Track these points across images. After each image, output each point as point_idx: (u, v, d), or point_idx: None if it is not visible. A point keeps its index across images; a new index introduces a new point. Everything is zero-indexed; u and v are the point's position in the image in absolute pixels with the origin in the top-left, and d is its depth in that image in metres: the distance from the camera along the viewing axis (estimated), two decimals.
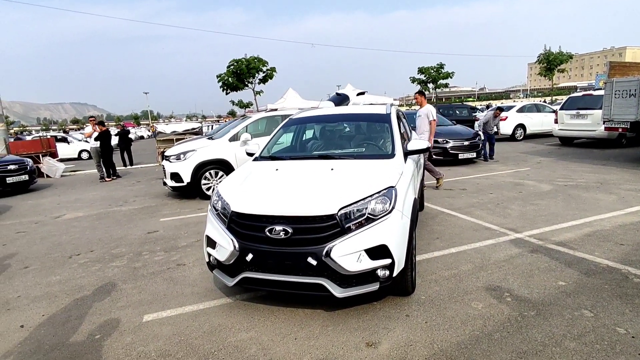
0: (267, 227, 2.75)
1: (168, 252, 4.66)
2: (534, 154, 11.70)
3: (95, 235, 5.61)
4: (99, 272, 4.17)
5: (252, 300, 3.31)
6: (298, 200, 2.83)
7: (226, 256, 2.88)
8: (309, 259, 2.66)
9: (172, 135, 15.08)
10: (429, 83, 33.64)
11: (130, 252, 4.75)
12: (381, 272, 2.75)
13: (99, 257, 4.67)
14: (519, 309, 2.95)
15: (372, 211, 2.76)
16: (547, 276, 3.49)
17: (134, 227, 5.92)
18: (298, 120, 4.59)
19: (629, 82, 8.77)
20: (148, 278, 3.93)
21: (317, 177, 3.17)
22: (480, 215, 5.55)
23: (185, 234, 5.38)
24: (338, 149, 4.01)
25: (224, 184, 3.39)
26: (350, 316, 2.96)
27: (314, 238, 2.69)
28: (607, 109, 9.34)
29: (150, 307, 3.30)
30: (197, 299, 3.40)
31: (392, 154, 3.61)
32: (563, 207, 5.70)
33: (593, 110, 12.01)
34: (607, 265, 3.65)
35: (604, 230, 4.65)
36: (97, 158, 11.48)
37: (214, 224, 3.09)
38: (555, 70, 30.02)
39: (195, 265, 4.20)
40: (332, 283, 2.69)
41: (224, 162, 7.56)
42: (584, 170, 8.57)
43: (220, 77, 21.37)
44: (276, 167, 3.53)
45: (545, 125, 15.76)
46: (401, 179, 3.12)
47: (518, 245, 4.29)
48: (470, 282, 3.44)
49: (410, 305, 3.08)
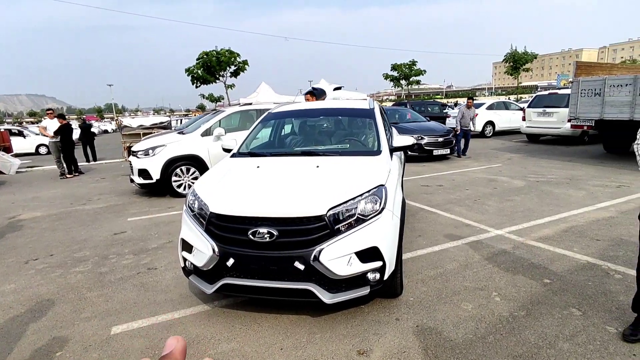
0: (250, 229, 2.54)
1: (137, 255, 4.34)
2: (504, 151, 11.99)
3: (55, 238, 5.17)
4: (60, 279, 3.80)
5: (232, 307, 3.09)
6: (284, 201, 2.64)
7: (204, 261, 2.65)
8: (296, 264, 2.48)
9: (138, 130, 14.35)
10: (402, 80, 34.04)
11: (95, 256, 4.39)
12: (371, 276, 2.61)
13: (60, 261, 4.28)
14: (508, 309, 2.90)
15: (362, 211, 2.61)
16: (532, 274, 3.48)
17: (98, 228, 5.51)
18: (278, 114, 4.37)
19: (594, 82, 9.09)
20: (116, 284, 3.62)
21: (302, 175, 2.98)
22: (459, 211, 5.55)
23: (155, 235, 5.05)
24: (321, 145, 3.84)
25: (201, 183, 3.14)
26: (338, 322, 2.81)
27: (302, 241, 2.51)
28: (573, 107, 9.65)
29: (119, 317, 3.02)
30: (171, 306, 3.15)
31: (378, 150, 3.48)
32: (538, 203, 5.80)
33: (559, 108, 12.45)
34: (588, 262, 3.69)
35: (579, 225, 4.74)
36: (57, 153, 10.74)
37: (190, 226, 2.85)
38: (521, 69, 31.14)
39: (168, 269, 3.92)
40: (320, 288, 2.53)
41: (196, 158, 7.21)
42: (552, 167, 8.83)
43: (189, 70, 20.55)
44: (257, 164, 3.30)
45: (513, 122, 16.24)
46: (390, 177, 2.99)
47: (500, 243, 4.29)
48: (457, 282, 3.38)
49: (400, 308, 2.97)
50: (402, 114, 12.65)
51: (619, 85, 8.54)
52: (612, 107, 8.75)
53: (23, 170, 12.73)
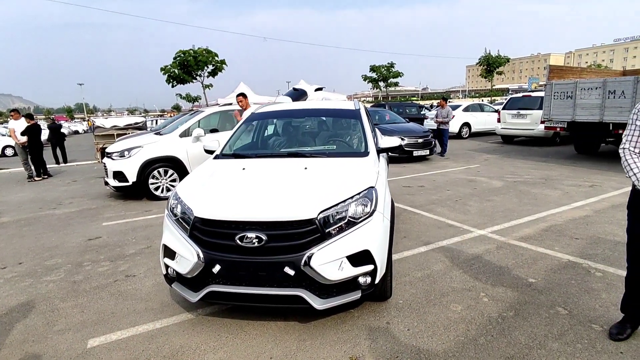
0: (238, 234, 2.44)
1: (114, 262, 4.14)
2: (480, 152, 12.25)
3: (24, 244, 4.88)
4: (30, 289, 3.57)
5: (216, 314, 2.97)
6: (273, 204, 2.55)
7: (189, 268, 2.53)
8: (286, 269, 2.40)
9: (112, 130, 13.89)
10: (380, 81, 34.41)
11: (68, 263, 4.16)
12: (363, 279, 2.56)
13: (30, 270, 4.03)
14: (497, 309, 2.91)
15: (353, 214, 2.56)
16: (517, 273, 3.52)
17: (71, 234, 5.24)
18: (262, 114, 4.26)
19: (566, 85, 9.40)
20: (91, 293, 3.43)
21: (290, 178, 2.90)
22: (441, 212, 5.59)
23: (133, 240, 4.85)
24: (308, 146, 3.76)
25: (184, 186, 3.01)
26: (327, 327, 2.74)
27: (292, 245, 2.43)
28: (546, 110, 9.95)
29: (96, 329, 2.84)
30: (152, 316, 3.00)
31: (365, 151, 3.44)
32: (517, 203, 5.92)
33: (532, 110, 12.84)
34: (569, 260, 3.77)
35: (558, 225, 4.86)
36: (24, 155, 10.23)
37: (173, 232, 2.72)
38: (495, 72, 32.06)
39: (148, 275, 3.75)
40: (311, 294, 2.45)
41: (175, 159, 6.99)
42: (528, 167, 9.07)
43: (165, 69, 20.03)
44: (242, 165, 3.20)
45: (488, 124, 16.66)
46: (379, 179, 2.95)
47: (483, 242, 4.34)
48: (445, 283, 3.38)
49: (390, 312, 2.93)
50: (381, 115, 12.74)
51: (589, 89, 8.86)
52: (583, 109, 9.06)
53: None
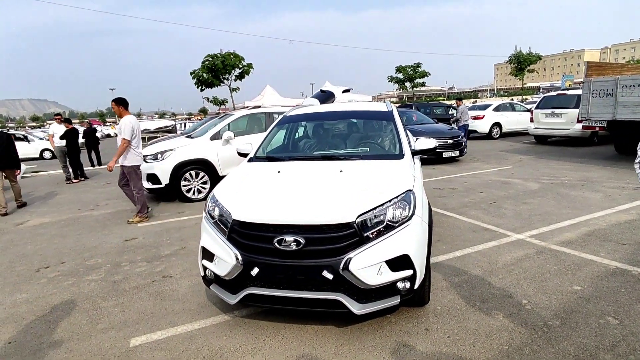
0: (276, 237, 2.44)
1: (151, 262, 4.25)
2: (513, 152, 11.87)
3: (65, 244, 5.08)
4: (73, 288, 3.71)
5: (253, 316, 2.99)
6: (311, 207, 2.53)
7: (227, 270, 2.55)
8: (325, 273, 2.37)
9: (143, 134, 14.34)
10: (406, 82, 34.02)
11: (108, 263, 4.30)
12: (401, 284, 2.51)
13: (72, 269, 4.19)
14: (542, 317, 2.79)
15: (391, 218, 2.51)
16: (560, 280, 3.37)
17: (109, 234, 5.42)
18: (294, 117, 4.27)
19: (606, 82, 8.97)
20: (131, 293, 3.52)
21: (326, 181, 2.88)
22: (475, 215, 5.44)
23: (167, 241, 4.96)
24: (341, 149, 3.74)
25: (221, 189, 3.04)
26: (365, 332, 2.70)
27: (330, 249, 2.41)
28: (584, 108, 9.53)
29: (137, 328, 2.92)
30: (190, 317, 3.05)
31: (400, 154, 3.38)
32: (555, 206, 5.68)
33: (567, 109, 12.33)
34: (617, 267, 3.57)
35: (601, 229, 4.62)
36: (63, 158, 10.70)
37: (211, 234, 2.75)
38: (526, 70, 31.05)
39: (184, 276, 3.82)
40: (349, 299, 2.42)
41: (206, 162, 7.12)
42: (565, 168, 8.71)
43: (194, 74, 20.52)
44: (277, 169, 3.20)
45: (520, 123, 16.13)
46: (416, 182, 2.88)
47: (522, 247, 4.18)
48: (484, 289, 3.27)
49: (428, 318, 2.86)
50: (408, 115, 12.54)
51: (632, 86, 8.42)
52: (625, 107, 8.62)
53: (28, 176, 12.70)
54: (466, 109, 12.44)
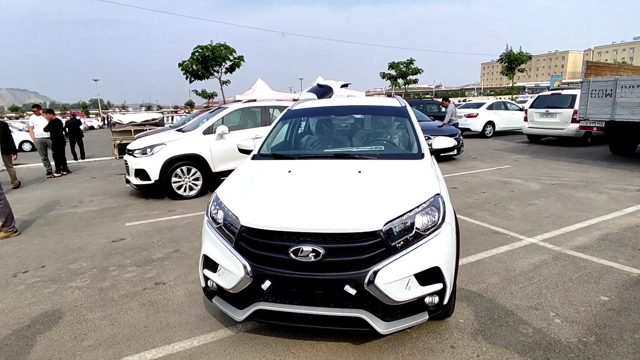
0: (292, 247, 2.15)
1: (141, 267, 3.90)
2: (508, 151, 11.78)
3: (46, 246, 4.68)
4: (55, 296, 3.35)
5: (259, 331, 2.70)
6: (331, 213, 2.25)
7: (234, 283, 2.25)
8: (347, 288, 2.10)
9: (129, 126, 13.80)
10: (399, 79, 33.87)
11: (94, 268, 3.94)
12: (429, 299, 2.25)
13: (53, 274, 3.82)
14: (574, 333, 2.58)
15: (420, 225, 2.24)
16: (585, 289, 3.17)
17: (94, 235, 5.04)
18: (300, 111, 3.96)
19: (605, 82, 8.89)
20: (120, 303, 3.19)
21: (345, 182, 2.59)
22: (482, 217, 5.24)
23: (159, 243, 4.61)
24: (354, 147, 3.45)
25: (225, 189, 2.73)
26: (385, 351, 2.45)
27: (353, 261, 2.13)
28: (582, 108, 9.45)
29: (129, 345, 2.60)
30: (188, 331, 2.74)
31: (420, 153, 3.12)
32: (562, 208, 5.53)
33: (562, 109, 12.30)
34: (639, 275, 3.40)
35: (614, 233, 4.47)
36: (44, 151, 10.15)
37: (215, 241, 2.44)
38: (516, 69, 31.22)
39: (178, 283, 3.49)
40: (373, 316, 2.15)
41: (198, 157, 6.76)
42: (563, 168, 8.61)
43: (183, 65, 19.89)
44: (287, 168, 2.90)
45: (513, 122, 16.12)
46: (441, 184, 2.63)
47: (536, 252, 3.98)
48: (507, 299, 3.05)
49: (452, 333, 2.62)
50: None
51: (631, 86, 8.35)
52: (623, 108, 8.56)
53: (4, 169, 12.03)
54: (455, 107, 12.41)
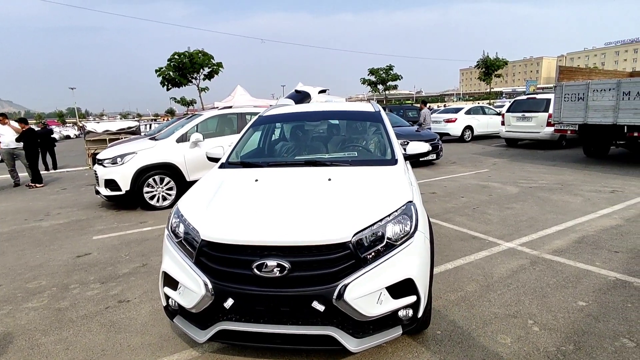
0: (255, 261, 2.01)
1: (105, 284, 3.68)
2: (486, 155, 11.91)
3: (4, 263, 4.39)
4: (7, 319, 3.10)
5: (225, 351, 2.54)
6: (297, 224, 2.12)
7: (195, 302, 2.10)
8: (315, 304, 1.97)
9: (104, 135, 13.38)
10: (379, 84, 34.19)
11: (53, 286, 3.69)
12: (403, 313, 2.14)
13: (9, 294, 3.56)
14: (553, 341, 2.51)
15: (391, 235, 2.14)
16: (563, 295, 3.12)
17: (58, 249, 4.76)
18: (271, 117, 3.84)
19: (577, 86, 9.09)
20: (78, 324, 2.97)
21: (313, 191, 2.47)
22: (461, 222, 5.20)
23: (126, 257, 4.39)
24: (326, 153, 3.34)
25: (187, 201, 2.57)
26: None
27: (321, 275, 2.01)
28: (557, 112, 9.64)
29: None
30: (150, 354, 2.55)
31: (393, 159, 3.03)
32: (539, 211, 5.54)
33: (537, 112, 12.55)
34: (616, 278, 3.38)
35: (590, 235, 4.48)
36: (11, 162, 9.71)
37: (175, 257, 2.28)
38: (493, 75, 31.94)
39: (143, 300, 3.30)
40: (344, 333, 2.03)
41: (172, 166, 6.54)
42: (539, 172, 8.72)
43: (160, 72, 19.51)
44: (254, 176, 2.76)
45: (491, 127, 16.38)
46: (414, 191, 2.54)
47: (514, 257, 3.94)
48: (484, 308, 2.97)
49: (428, 346, 2.51)
50: None
51: (602, 90, 8.55)
52: (595, 111, 8.75)
53: None
54: (429, 112, 12.77)
